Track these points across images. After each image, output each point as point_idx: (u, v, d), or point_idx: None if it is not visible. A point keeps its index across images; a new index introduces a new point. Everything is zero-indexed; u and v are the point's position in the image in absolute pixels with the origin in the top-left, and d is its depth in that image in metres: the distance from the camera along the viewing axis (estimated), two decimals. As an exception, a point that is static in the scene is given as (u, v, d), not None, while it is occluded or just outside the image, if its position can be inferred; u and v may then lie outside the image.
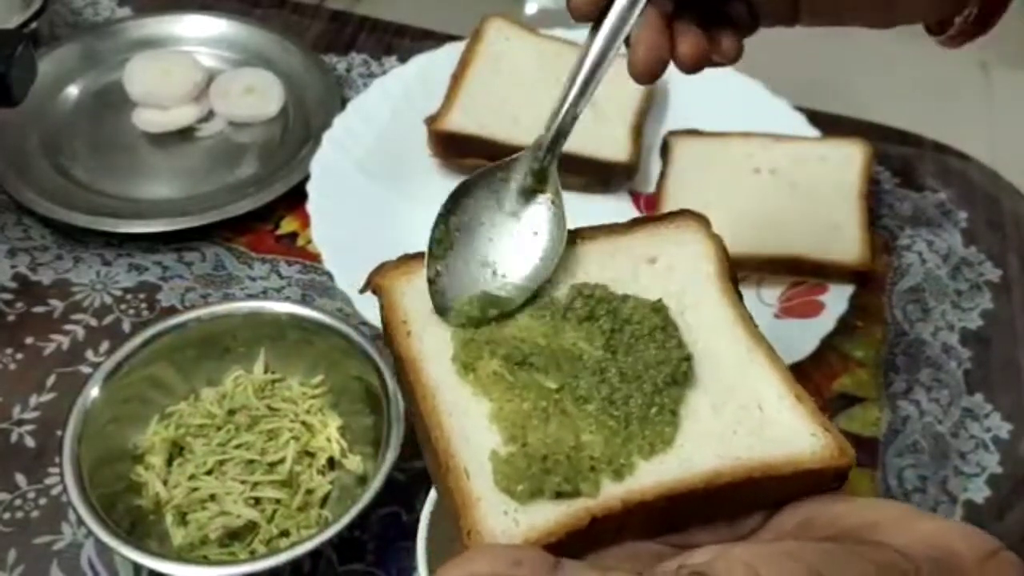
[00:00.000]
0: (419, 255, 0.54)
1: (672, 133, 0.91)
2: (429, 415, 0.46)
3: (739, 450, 0.46)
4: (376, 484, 0.61)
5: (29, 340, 0.79)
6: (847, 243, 0.82)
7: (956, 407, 0.79)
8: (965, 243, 0.91)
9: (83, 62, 1.00)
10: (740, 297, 0.53)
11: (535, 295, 0.51)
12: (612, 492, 0.44)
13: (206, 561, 0.63)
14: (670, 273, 0.53)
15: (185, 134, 0.95)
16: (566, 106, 0.53)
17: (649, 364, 0.48)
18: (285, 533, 0.65)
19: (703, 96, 0.95)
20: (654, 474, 0.45)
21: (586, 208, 0.89)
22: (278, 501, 0.65)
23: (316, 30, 1.07)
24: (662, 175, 0.88)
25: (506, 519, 0.43)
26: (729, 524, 0.45)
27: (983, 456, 0.76)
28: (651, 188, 0.89)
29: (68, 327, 0.80)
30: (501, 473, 0.44)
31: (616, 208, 0.90)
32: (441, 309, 0.50)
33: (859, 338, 0.82)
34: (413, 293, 0.52)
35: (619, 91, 0.93)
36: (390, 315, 0.51)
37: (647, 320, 0.50)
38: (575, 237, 0.54)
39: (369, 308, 0.76)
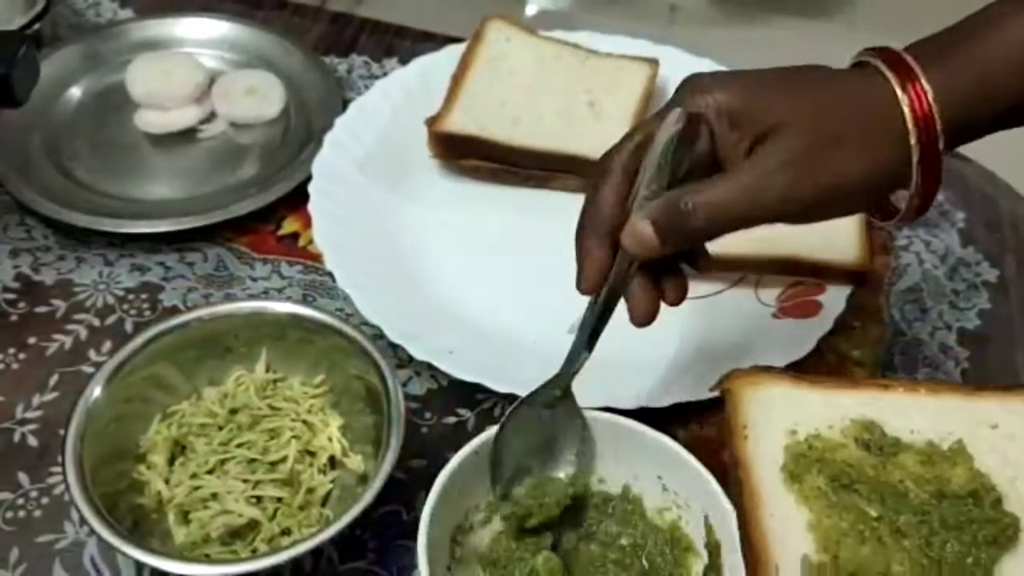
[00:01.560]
0: (768, 369, 0.59)
1: (671, 134, 0.91)
2: (751, 513, 0.50)
3: None
4: (377, 483, 0.61)
5: (32, 340, 0.79)
6: (845, 243, 0.82)
7: (953, 407, 0.79)
8: (963, 243, 0.91)
9: (85, 63, 1.00)
10: None
11: None
12: None
13: (208, 560, 0.64)
14: (1010, 442, 0.54)
15: (187, 135, 0.95)
16: (579, 346, 0.61)
17: (974, 519, 0.49)
18: (286, 531, 0.65)
19: (702, 97, 0.96)
20: None
21: (585, 209, 0.90)
22: (279, 500, 0.66)
23: (317, 32, 1.07)
24: (661, 176, 0.89)
25: None
26: None
27: (980, 455, 0.76)
28: (650, 189, 0.90)
29: (70, 327, 0.80)
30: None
31: (615, 209, 0.90)
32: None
33: (857, 338, 0.82)
34: (757, 401, 0.56)
35: (619, 92, 0.93)
36: (732, 417, 0.55)
37: (978, 480, 0.51)
38: (919, 387, 0.58)
39: (370, 308, 0.77)
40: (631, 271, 0.57)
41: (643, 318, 0.58)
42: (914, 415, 0.55)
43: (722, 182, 0.55)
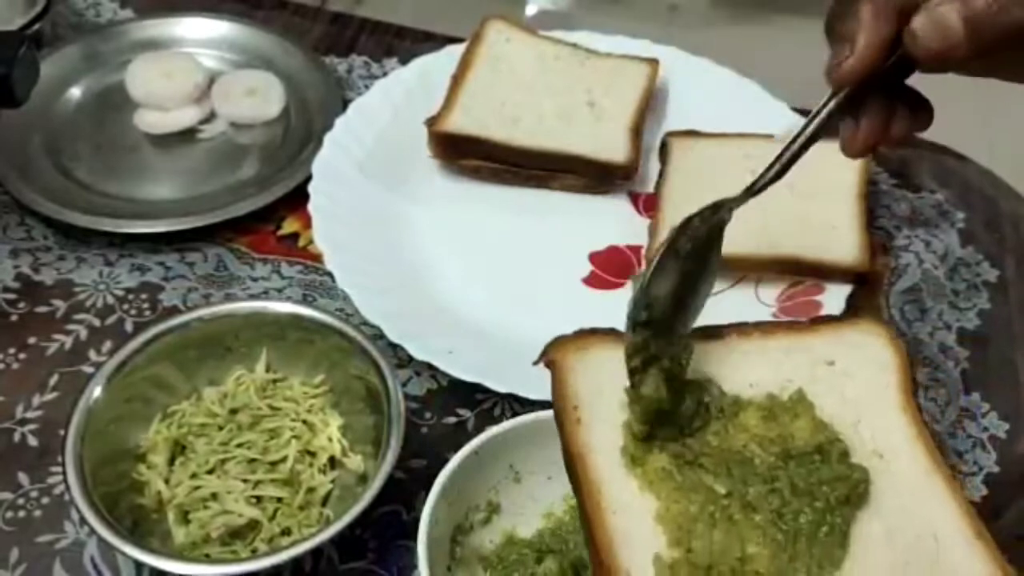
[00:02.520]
0: (595, 331, 0.53)
1: (671, 134, 0.91)
2: (593, 512, 0.46)
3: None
4: (377, 483, 0.61)
5: (32, 340, 0.79)
6: (845, 243, 0.82)
7: (953, 407, 0.79)
8: (962, 243, 0.91)
9: (85, 63, 1.00)
10: (920, 411, 0.51)
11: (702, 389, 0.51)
12: None
13: (208, 559, 0.64)
14: (848, 379, 0.52)
15: (187, 135, 0.95)
16: (791, 149, 0.54)
17: (824, 479, 0.47)
18: (286, 531, 0.65)
19: (702, 97, 0.96)
20: None
21: (586, 208, 0.90)
22: (279, 500, 0.66)
23: (317, 32, 1.07)
24: (661, 175, 0.89)
25: None
26: None
27: (980, 455, 0.76)
28: (650, 188, 0.90)
29: (71, 327, 0.80)
30: None
31: (616, 208, 0.90)
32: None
33: (857, 338, 0.82)
34: (585, 372, 0.50)
35: (619, 92, 0.93)
36: (560, 399, 0.50)
37: (822, 432, 0.49)
38: (752, 331, 0.53)
39: (370, 308, 0.77)
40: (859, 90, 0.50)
41: (862, 144, 0.51)
42: (751, 365, 0.52)
43: None
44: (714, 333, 0.54)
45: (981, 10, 0.46)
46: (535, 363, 0.52)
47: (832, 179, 0.86)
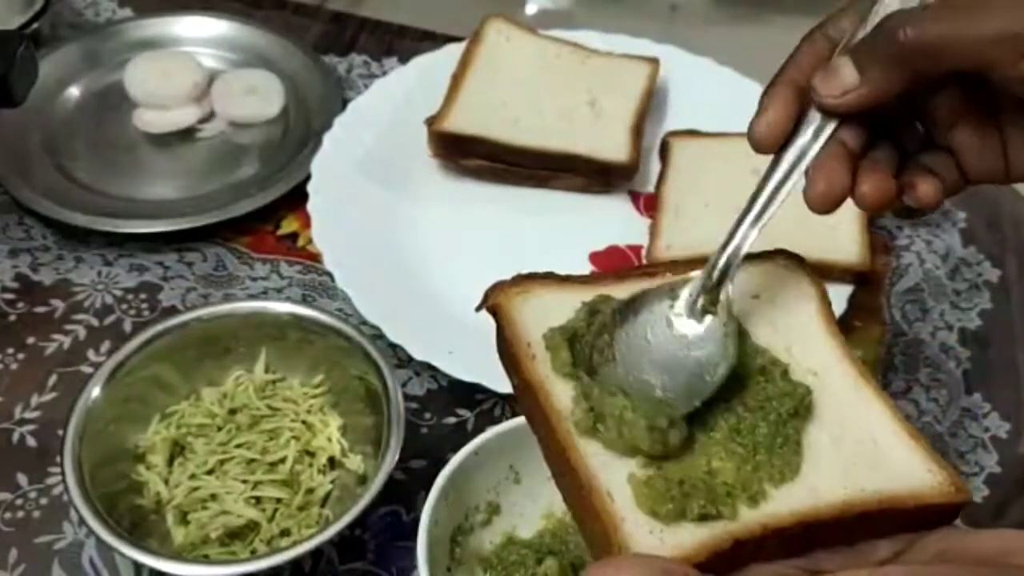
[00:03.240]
0: (533, 275, 0.54)
1: (671, 133, 0.91)
2: (564, 437, 0.47)
3: (863, 482, 0.47)
4: (376, 483, 0.61)
5: (30, 340, 0.79)
6: (846, 243, 0.82)
7: (955, 407, 0.79)
8: (964, 243, 0.91)
9: (84, 63, 1.00)
10: (840, 332, 0.53)
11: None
12: (751, 516, 0.45)
13: (207, 560, 0.64)
14: (774, 308, 0.54)
15: (186, 135, 0.95)
16: (742, 228, 0.51)
17: (772, 396, 0.49)
18: (286, 532, 0.65)
19: (703, 96, 0.96)
20: (787, 502, 0.46)
21: (586, 208, 0.90)
22: (279, 500, 0.66)
23: (317, 31, 1.07)
24: (661, 175, 0.89)
25: (652, 538, 0.44)
26: (856, 552, 0.46)
27: (981, 456, 0.76)
28: (650, 188, 0.90)
29: (69, 327, 0.80)
30: (643, 495, 0.45)
31: (616, 208, 0.90)
32: (596, 416, 0.48)
33: (858, 338, 0.82)
34: (532, 314, 0.51)
35: (619, 91, 0.93)
36: (512, 338, 0.51)
37: (761, 356, 0.51)
38: (683, 268, 0.54)
39: (370, 308, 0.77)
40: (822, 137, 0.49)
41: (821, 198, 0.50)
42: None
43: (942, 9, 0.46)
44: (650, 272, 0.55)
45: (863, 44, 0.47)
46: (477, 309, 0.53)
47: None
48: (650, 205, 0.88)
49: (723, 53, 0.99)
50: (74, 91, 0.98)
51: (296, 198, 0.87)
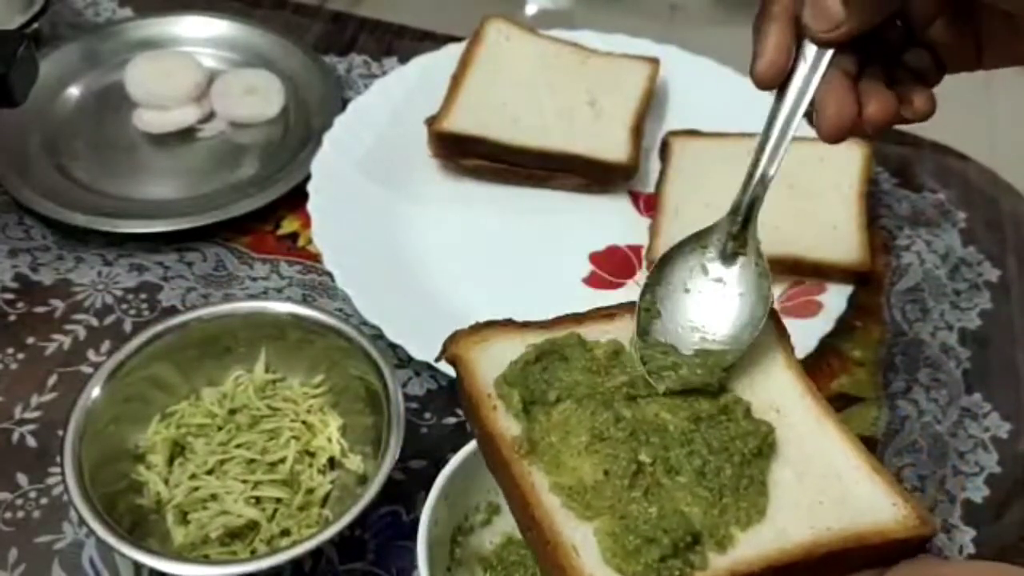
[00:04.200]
0: (492, 322, 0.54)
1: (672, 133, 0.91)
2: (529, 493, 0.47)
3: (829, 520, 0.47)
4: (376, 483, 0.61)
5: (30, 340, 0.79)
6: (846, 243, 0.82)
7: (955, 407, 0.79)
8: (964, 243, 0.91)
9: (84, 63, 1.00)
10: (799, 365, 0.54)
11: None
12: (719, 564, 0.45)
13: (207, 560, 0.63)
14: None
15: (186, 135, 0.95)
16: (759, 171, 0.53)
17: (735, 435, 0.49)
18: (286, 532, 0.65)
19: (703, 96, 0.96)
20: (754, 546, 0.46)
21: (586, 208, 0.90)
22: (279, 500, 0.66)
23: (317, 31, 1.07)
24: (661, 175, 0.89)
25: None
26: None
27: (982, 456, 0.76)
28: (651, 188, 0.90)
29: (69, 327, 0.80)
30: (611, 551, 0.45)
31: (616, 208, 0.90)
32: (651, 367, 0.50)
33: (858, 338, 0.82)
34: (490, 362, 0.52)
35: (619, 91, 0.93)
36: (471, 388, 0.51)
37: (724, 395, 0.51)
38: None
39: (369, 308, 0.77)
40: (820, 67, 0.50)
41: (832, 129, 0.51)
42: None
43: None
44: (610, 314, 0.55)
45: None
46: (436, 360, 0.53)
47: (833, 179, 0.86)
48: (650, 205, 0.88)
49: (723, 53, 0.99)
50: (74, 91, 0.98)
51: (296, 198, 0.87)
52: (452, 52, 0.96)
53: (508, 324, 0.54)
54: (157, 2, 1.07)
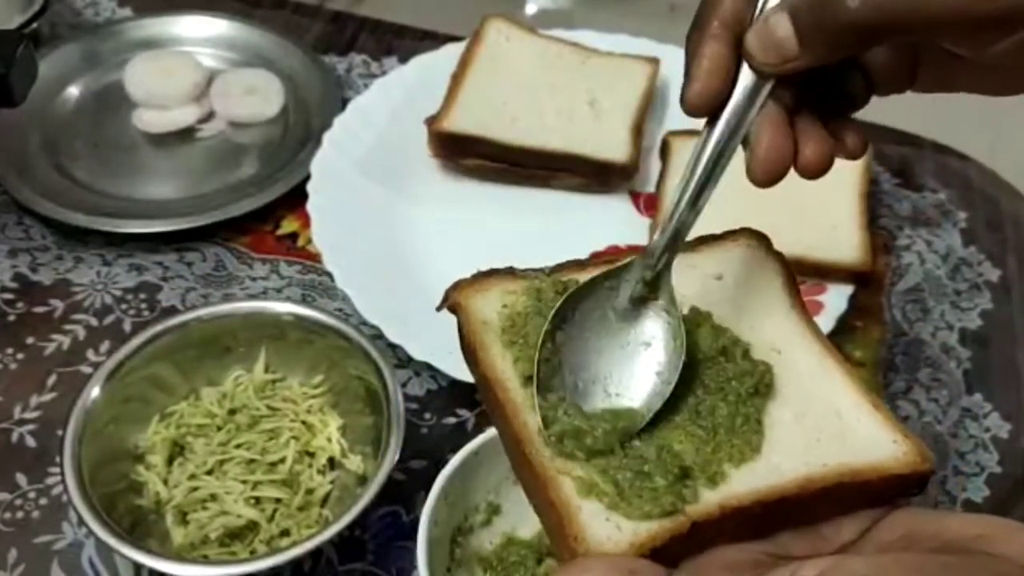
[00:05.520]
0: (493, 272, 0.54)
1: (672, 133, 0.91)
2: (520, 430, 0.47)
3: (825, 457, 0.47)
4: (376, 484, 0.61)
5: (30, 340, 0.79)
6: (846, 243, 0.82)
7: (955, 407, 0.79)
8: (964, 243, 0.91)
9: (84, 62, 1.00)
10: (805, 308, 0.53)
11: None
12: (710, 499, 0.45)
13: (206, 561, 0.63)
14: (738, 288, 0.54)
15: (185, 134, 0.95)
16: (680, 208, 0.47)
17: (732, 375, 0.49)
18: (285, 532, 0.65)
19: (703, 96, 0.96)
20: (746, 481, 0.46)
21: (586, 208, 0.90)
22: (278, 501, 0.65)
23: (316, 31, 1.07)
24: (662, 175, 0.88)
25: (609, 525, 0.44)
26: (821, 535, 0.46)
27: (982, 456, 0.76)
28: (651, 188, 0.90)
29: (69, 327, 0.80)
30: (597, 487, 0.45)
31: (616, 208, 0.90)
32: (553, 431, 0.46)
33: (858, 338, 0.82)
34: (491, 311, 0.52)
35: (619, 91, 0.93)
36: (469, 335, 0.51)
37: (723, 336, 0.50)
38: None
39: (369, 308, 0.77)
40: (759, 99, 0.45)
41: (764, 170, 0.46)
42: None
43: None
44: (611, 259, 0.54)
45: (804, 10, 0.42)
46: (439, 308, 0.53)
47: (833, 178, 0.85)
48: (650, 205, 0.88)
49: (723, 53, 0.98)
50: (74, 91, 0.98)
51: (296, 198, 0.87)
52: (452, 52, 0.95)
53: (507, 272, 0.54)
54: (157, 2, 1.07)
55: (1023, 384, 0.81)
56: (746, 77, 0.45)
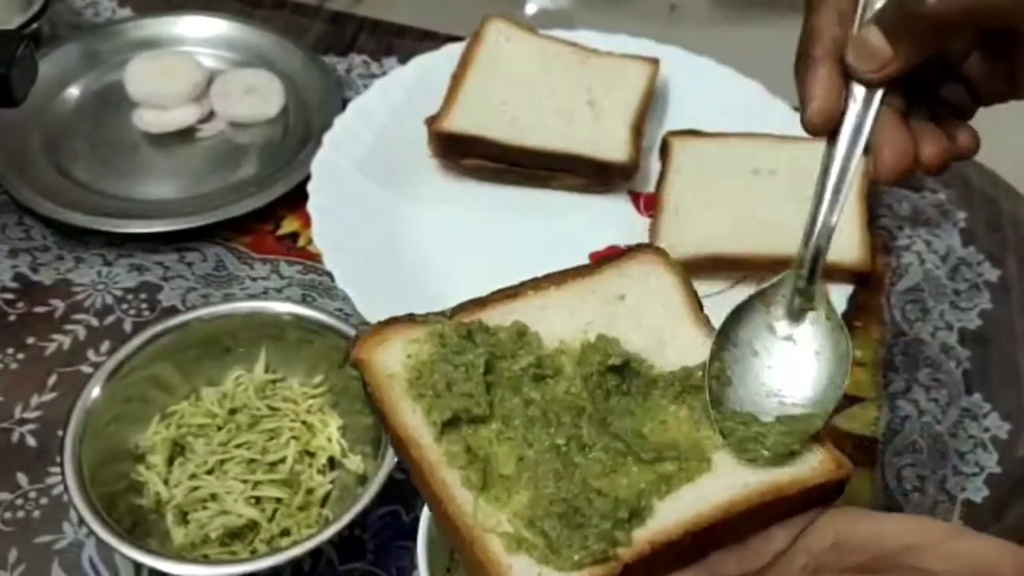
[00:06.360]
0: (392, 320, 0.52)
1: (672, 133, 0.91)
2: (440, 490, 0.46)
3: (745, 476, 0.47)
4: (376, 483, 0.61)
5: (30, 340, 0.79)
6: (846, 243, 0.82)
7: (955, 407, 0.79)
8: (964, 243, 0.91)
9: (84, 62, 1.00)
10: (708, 321, 0.54)
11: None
12: (639, 536, 0.45)
13: (207, 560, 0.64)
14: (641, 309, 0.54)
15: (186, 134, 0.95)
16: (819, 222, 0.51)
17: (637, 388, 0.50)
18: (286, 532, 0.65)
19: (703, 96, 0.96)
20: (673, 512, 0.46)
21: (586, 208, 0.90)
22: (279, 500, 0.66)
23: (317, 31, 1.07)
24: (662, 175, 0.88)
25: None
26: (752, 549, 0.47)
27: (982, 456, 0.76)
28: (651, 188, 0.90)
29: (69, 327, 0.80)
30: (526, 542, 0.45)
31: (616, 208, 0.90)
32: (731, 441, 0.49)
33: (858, 338, 0.82)
34: (395, 363, 0.50)
35: (619, 91, 0.93)
36: (377, 392, 0.50)
37: (627, 368, 0.51)
38: (545, 284, 0.55)
39: (369, 308, 0.77)
40: (871, 108, 0.49)
41: (891, 169, 0.49)
42: (552, 318, 0.53)
43: None
44: (512, 294, 0.55)
45: (888, 13, 0.47)
46: (340, 367, 0.54)
47: (833, 179, 0.86)
48: (650, 205, 0.88)
49: (723, 53, 0.99)
50: (74, 91, 0.98)
51: (296, 198, 0.87)
52: (452, 52, 0.95)
53: (408, 320, 0.52)
54: (157, 2, 1.07)
55: (1023, 384, 0.81)
56: (857, 92, 0.49)
